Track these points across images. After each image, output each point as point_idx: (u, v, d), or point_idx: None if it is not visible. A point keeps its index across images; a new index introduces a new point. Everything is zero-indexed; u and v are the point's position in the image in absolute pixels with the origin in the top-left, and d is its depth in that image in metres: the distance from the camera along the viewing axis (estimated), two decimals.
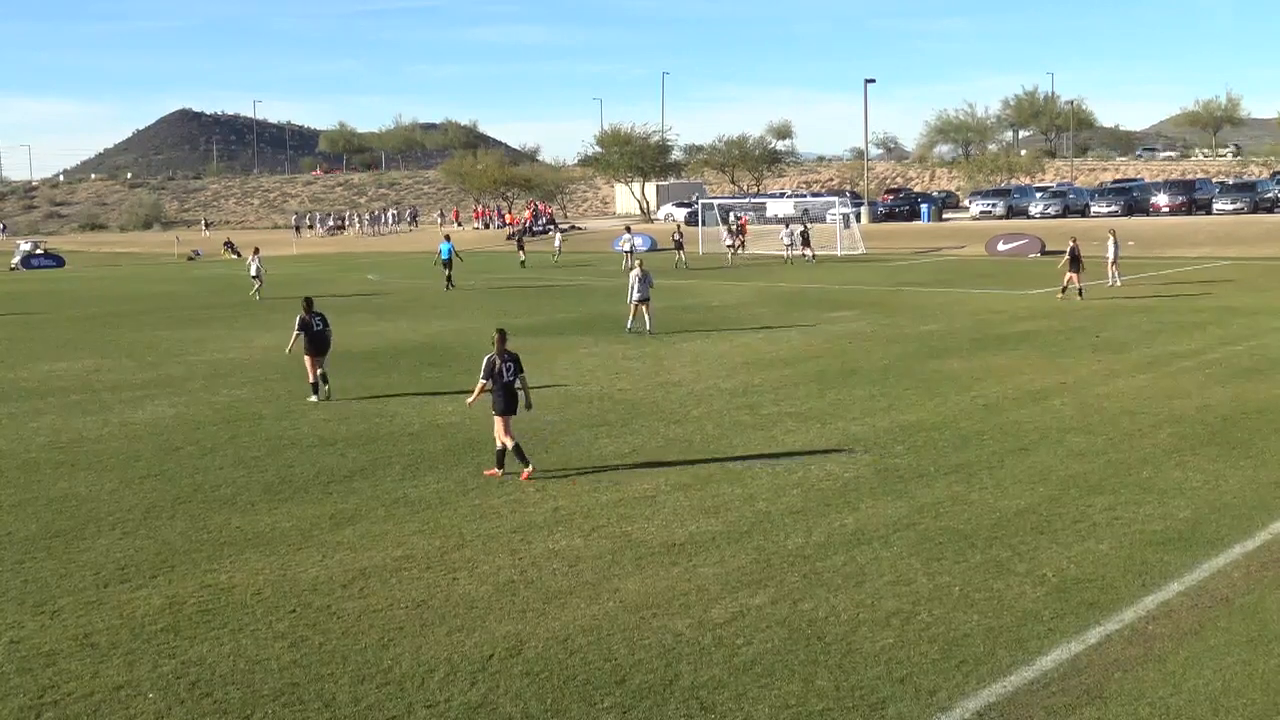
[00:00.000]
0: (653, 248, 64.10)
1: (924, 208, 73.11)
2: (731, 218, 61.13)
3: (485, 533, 11.43)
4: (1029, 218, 67.08)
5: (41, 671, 8.38)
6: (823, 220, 66.52)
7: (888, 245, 58.21)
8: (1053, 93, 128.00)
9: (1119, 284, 34.53)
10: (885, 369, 20.70)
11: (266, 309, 36.49)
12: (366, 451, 15.11)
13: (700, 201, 70.60)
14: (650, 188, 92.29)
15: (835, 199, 66.49)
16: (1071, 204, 68.76)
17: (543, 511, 12.11)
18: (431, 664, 8.35)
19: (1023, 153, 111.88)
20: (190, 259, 75.75)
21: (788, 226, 55.48)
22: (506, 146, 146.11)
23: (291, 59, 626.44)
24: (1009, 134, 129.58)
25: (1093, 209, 66.94)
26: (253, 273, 41.95)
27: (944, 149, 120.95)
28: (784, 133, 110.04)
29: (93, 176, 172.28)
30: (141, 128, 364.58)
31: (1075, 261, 31.60)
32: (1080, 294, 31.71)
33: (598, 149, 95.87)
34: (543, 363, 22.67)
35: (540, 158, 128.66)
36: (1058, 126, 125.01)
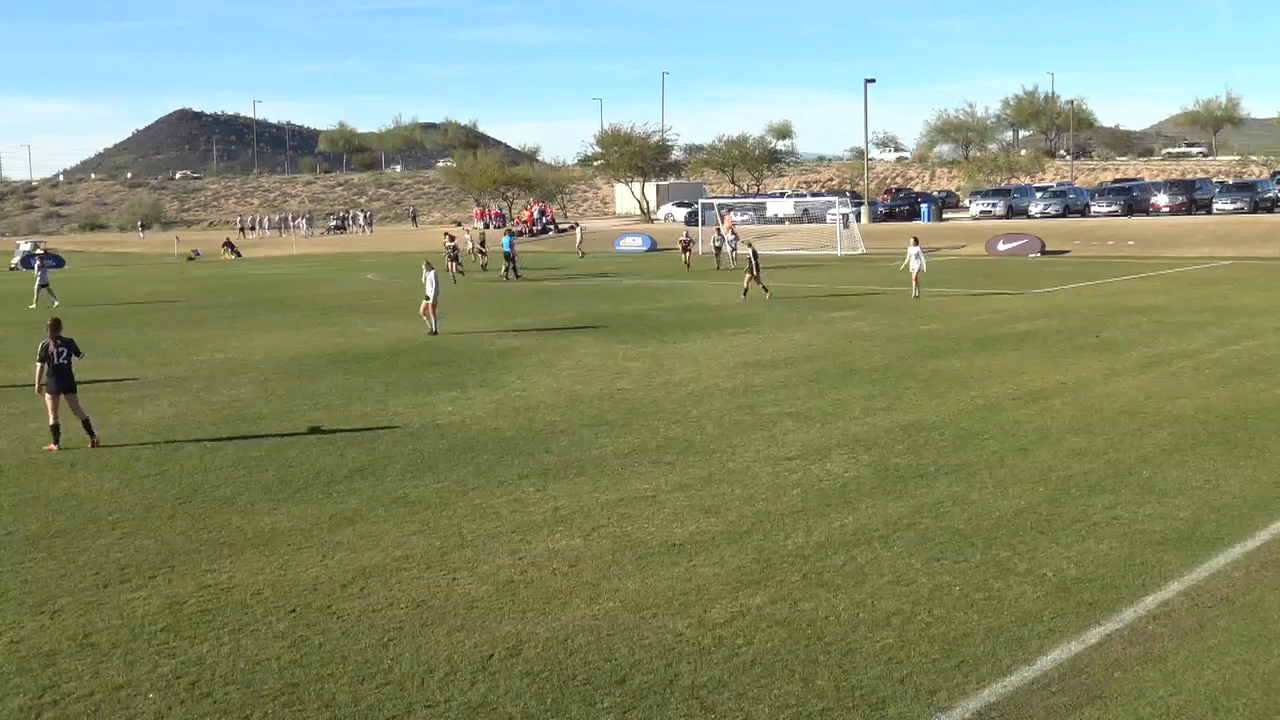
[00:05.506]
0: (653, 248, 64.31)
1: (924, 207, 73.17)
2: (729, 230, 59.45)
3: (485, 533, 11.43)
4: (1029, 217, 67.15)
5: (41, 671, 8.38)
6: (823, 220, 66.59)
7: (888, 245, 58.13)
8: (1053, 93, 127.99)
9: (918, 295, 32.91)
10: (885, 369, 20.70)
11: (266, 309, 36.49)
12: (366, 451, 15.11)
13: (700, 201, 70.56)
14: (650, 188, 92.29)
15: (835, 199, 66.50)
16: (1071, 204, 68.80)
17: (543, 511, 12.11)
18: (431, 664, 8.35)
19: (1023, 153, 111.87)
20: (190, 259, 75.80)
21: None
22: (506, 146, 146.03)
23: (291, 59, 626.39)
24: (1009, 134, 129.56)
25: (1093, 209, 66.99)
26: (40, 280, 40.79)
27: (944, 149, 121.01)
28: (784, 133, 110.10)
29: (93, 176, 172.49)
30: (141, 128, 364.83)
31: (753, 265, 33.88)
32: (744, 294, 33.83)
33: (598, 149, 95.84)
34: (544, 362, 22.69)
35: (540, 158, 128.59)
36: (1058, 126, 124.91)
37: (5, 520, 12.33)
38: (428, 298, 28.16)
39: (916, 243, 33.91)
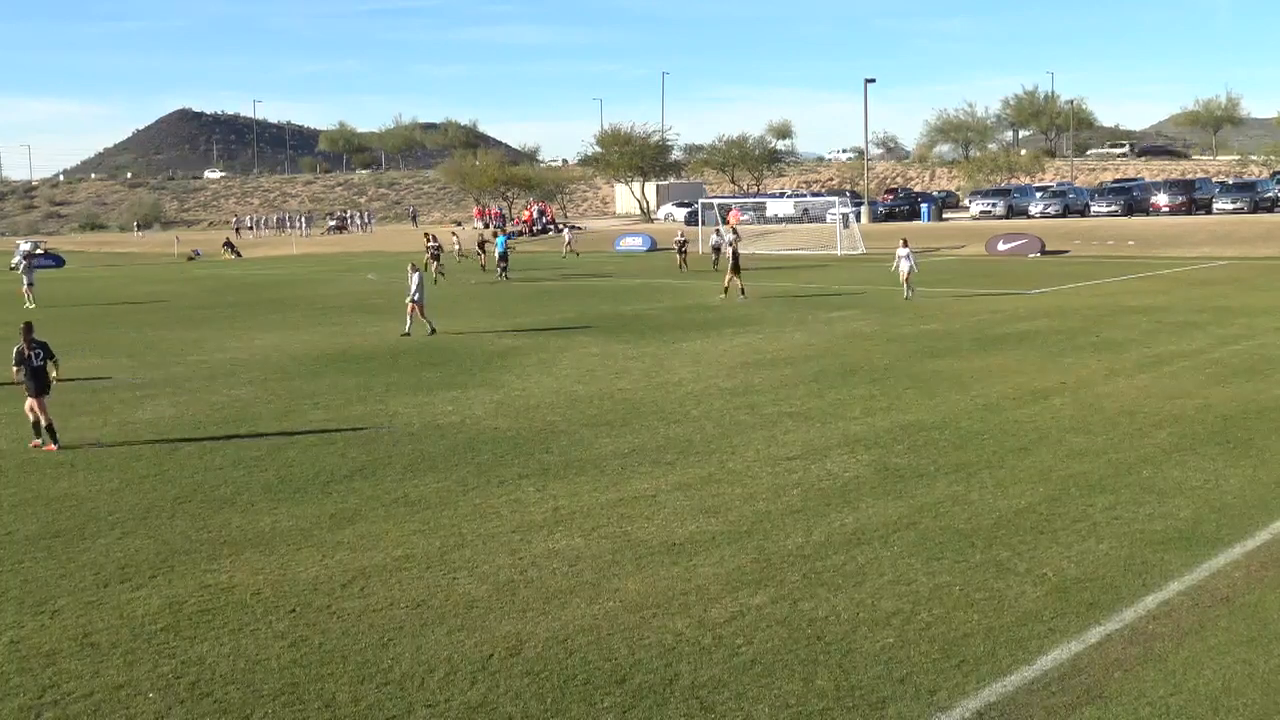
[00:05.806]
0: (653, 248, 64.34)
1: (924, 207, 73.21)
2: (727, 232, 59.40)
3: (485, 533, 11.43)
4: (1029, 217, 67.18)
5: (41, 671, 8.38)
6: (823, 220, 66.61)
7: (888, 245, 58.12)
8: (1053, 92, 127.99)
9: (911, 296, 32.59)
10: (885, 369, 20.70)
11: (266, 309, 36.48)
12: (366, 451, 15.11)
13: (700, 201, 70.56)
14: (650, 188, 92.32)
15: (835, 199, 66.50)
16: (1071, 204, 68.85)
17: (543, 511, 12.11)
18: (431, 664, 8.35)
19: (1023, 152, 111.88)
20: (190, 259, 75.80)
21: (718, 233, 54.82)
22: (506, 146, 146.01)
23: (291, 59, 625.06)
24: (1009, 134, 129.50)
25: (1093, 209, 67.03)
26: (27, 280, 40.50)
27: (944, 149, 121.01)
28: (784, 133, 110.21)
29: (93, 176, 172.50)
30: (141, 128, 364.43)
31: (734, 263, 34.48)
32: (742, 293, 34.00)
33: (598, 149, 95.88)
34: (544, 362, 22.69)
35: (540, 158, 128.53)
36: (1058, 126, 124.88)
37: (5, 520, 12.33)
38: (410, 294, 28.17)
39: (906, 245, 33.77)
